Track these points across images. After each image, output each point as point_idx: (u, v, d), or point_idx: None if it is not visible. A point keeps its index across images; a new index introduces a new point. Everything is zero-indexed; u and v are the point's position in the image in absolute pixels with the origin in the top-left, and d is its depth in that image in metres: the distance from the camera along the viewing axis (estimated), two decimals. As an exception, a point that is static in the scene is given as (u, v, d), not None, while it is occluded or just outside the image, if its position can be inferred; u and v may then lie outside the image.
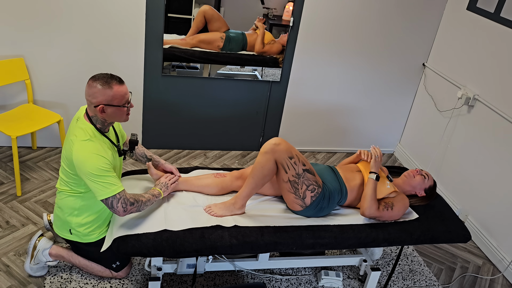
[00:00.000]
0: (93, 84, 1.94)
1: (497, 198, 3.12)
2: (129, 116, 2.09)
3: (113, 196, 1.98)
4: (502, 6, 3.11)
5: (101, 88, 1.93)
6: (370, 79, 3.90)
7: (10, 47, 3.13)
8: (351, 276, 2.77)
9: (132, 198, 2.04)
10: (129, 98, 2.04)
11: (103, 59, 3.31)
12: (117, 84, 1.96)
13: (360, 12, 3.56)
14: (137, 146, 2.35)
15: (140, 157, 2.41)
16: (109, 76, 1.96)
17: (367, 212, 2.27)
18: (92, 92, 1.94)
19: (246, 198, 2.25)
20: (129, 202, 2.02)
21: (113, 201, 1.99)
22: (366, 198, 2.28)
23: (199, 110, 3.70)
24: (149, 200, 2.12)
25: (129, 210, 2.03)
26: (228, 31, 3.38)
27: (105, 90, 1.93)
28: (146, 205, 2.12)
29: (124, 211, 2.01)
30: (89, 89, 1.95)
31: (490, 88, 3.23)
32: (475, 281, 2.94)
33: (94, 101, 1.95)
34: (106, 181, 1.97)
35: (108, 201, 1.99)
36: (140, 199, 2.07)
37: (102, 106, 1.95)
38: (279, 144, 2.16)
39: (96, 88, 1.93)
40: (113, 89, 1.94)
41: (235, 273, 2.67)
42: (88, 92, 1.96)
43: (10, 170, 3.24)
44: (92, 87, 1.94)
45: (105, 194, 1.97)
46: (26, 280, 2.40)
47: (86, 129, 2.01)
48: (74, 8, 3.09)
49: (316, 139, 4.12)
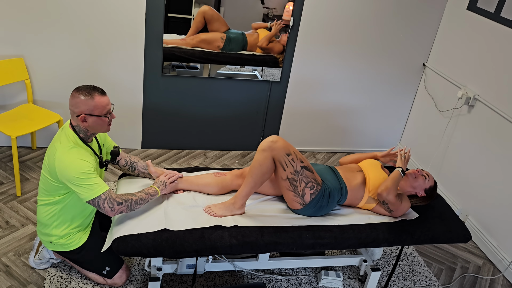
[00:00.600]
0: (76, 95, 2.01)
1: (498, 198, 3.12)
2: (110, 127, 2.15)
3: (98, 197, 2.03)
4: (502, 6, 3.11)
5: (83, 98, 2.00)
6: (370, 79, 3.89)
7: (10, 47, 3.13)
8: (351, 276, 2.77)
9: (119, 198, 2.06)
10: (111, 109, 2.10)
11: (103, 59, 3.31)
12: (99, 95, 2.03)
13: (360, 12, 3.56)
14: (118, 157, 2.38)
15: (142, 170, 2.44)
16: (92, 88, 2.03)
17: (385, 193, 2.27)
18: (75, 102, 2.01)
19: (246, 197, 2.25)
20: (116, 202, 2.05)
21: (99, 202, 2.03)
22: (388, 181, 2.29)
23: (199, 110, 3.70)
24: (141, 198, 2.13)
25: (118, 209, 2.06)
26: (228, 31, 3.38)
27: (87, 100, 2.00)
28: (139, 204, 2.12)
29: (112, 210, 2.05)
30: (72, 99, 2.02)
31: (490, 88, 3.23)
32: (475, 281, 2.94)
33: (76, 111, 2.02)
34: (90, 183, 2.01)
35: (94, 202, 2.03)
36: (129, 198, 2.09)
37: (83, 115, 2.02)
38: (277, 142, 2.16)
39: (79, 99, 2.01)
40: (94, 99, 2.01)
41: (235, 273, 2.67)
42: (71, 102, 2.03)
43: (10, 170, 3.23)
44: (75, 98, 2.01)
45: (90, 196, 2.02)
46: (26, 280, 2.40)
47: (70, 136, 2.07)
48: (74, 8, 3.09)
49: (316, 139, 4.12)
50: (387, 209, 2.36)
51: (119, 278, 2.39)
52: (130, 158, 2.43)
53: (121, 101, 3.50)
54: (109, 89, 3.43)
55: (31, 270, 2.47)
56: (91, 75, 3.35)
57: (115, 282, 2.39)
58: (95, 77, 3.36)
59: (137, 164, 2.43)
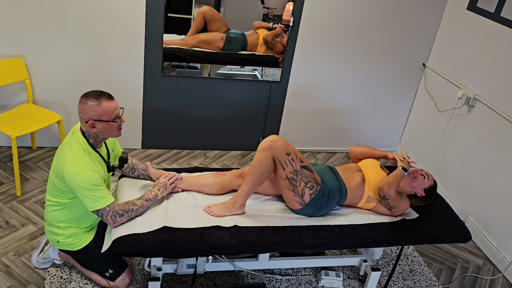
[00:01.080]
0: (83, 101, 2.02)
1: (498, 198, 3.12)
2: (121, 131, 2.15)
3: (103, 209, 2.06)
4: (502, 6, 3.11)
5: (90, 104, 2.00)
6: (370, 79, 3.89)
7: (10, 47, 3.13)
8: (351, 276, 2.77)
9: (121, 209, 2.09)
10: (120, 114, 2.10)
11: (103, 59, 3.31)
12: (106, 100, 2.03)
13: (360, 11, 3.56)
14: (126, 164, 2.40)
15: (143, 172, 2.45)
16: (99, 93, 2.03)
17: (386, 188, 2.28)
18: (83, 109, 2.02)
19: (246, 197, 2.25)
20: (118, 214, 2.07)
21: (103, 214, 2.06)
22: (390, 177, 2.31)
23: (199, 110, 3.70)
24: (141, 206, 2.16)
25: (119, 221, 2.08)
26: (228, 31, 3.38)
27: (94, 106, 2.00)
28: (139, 212, 2.15)
29: (114, 222, 2.08)
30: (80, 106, 2.03)
31: (490, 88, 3.23)
32: (475, 281, 2.94)
33: (85, 117, 2.02)
34: (96, 194, 2.04)
35: (98, 213, 2.07)
36: (130, 208, 2.11)
37: (92, 121, 2.02)
38: (276, 141, 2.17)
39: (86, 105, 2.01)
40: (102, 105, 2.01)
41: (235, 273, 2.67)
42: (79, 109, 2.03)
43: (10, 170, 3.23)
44: (82, 104, 2.02)
45: (95, 207, 2.05)
46: (26, 280, 2.40)
47: (80, 142, 2.08)
48: (74, 8, 3.09)
49: (316, 139, 4.12)
50: (387, 205, 2.36)
51: (122, 281, 2.38)
52: (132, 161, 2.44)
53: (121, 101, 3.50)
54: (109, 89, 3.43)
55: (31, 270, 2.47)
56: (91, 75, 3.35)
57: (117, 285, 2.37)
58: (95, 77, 3.36)
59: (138, 167, 2.44)
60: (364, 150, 2.66)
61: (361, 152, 2.66)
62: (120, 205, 2.10)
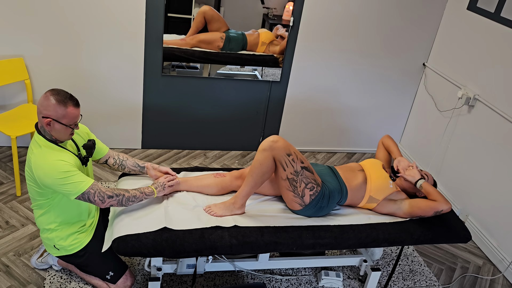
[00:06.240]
0: (50, 97, 1.98)
1: (498, 198, 3.12)
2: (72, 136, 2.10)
3: (87, 192, 2.01)
4: (502, 6, 3.11)
5: (56, 104, 1.97)
6: (370, 79, 3.89)
7: (10, 47, 3.13)
8: (351, 276, 2.77)
9: (110, 191, 2.06)
10: (78, 121, 2.07)
11: (103, 59, 3.31)
12: (73, 107, 2.00)
13: (360, 12, 3.56)
14: (104, 155, 2.34)
15: (132, 167, 2.40)
16: (69, 96, 2.00)
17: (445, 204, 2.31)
18: (46, 104, 1.98)
19: (246, 197, 2.25)
20: (106, 195, 2.04)
21: (89, 196, 2.02)
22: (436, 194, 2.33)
23: (199, 110, 3.70)
24: (135, 196, 2.12)
25: (108, 202, 2.05)
26: (228, 31, 3.38)
27: (59, 107, 1.97)
28: (131, 201, 2.11)
29: (102, 202, 2.04)
30: (44, 100, 1.98)
31: (490, 88, 3.23)
32: (475, 281, 2.94)
33: (45, 113, 1.98)
34: (72, 180, 1.99)
35: (84, 196, 2.02)
36: (121, 193, 2.08)
37: (50, 120, 1.98)
38: (277, 142, 2.16)
39: (51, 102, 1.97)
40: (67, 109, 1.98)
41: (235, 273, 2.67)
42: (42, 102, 1.98)
43: (10, 170, 3.23)
44: (48, 100, 1.97)
45: (77, 192, 2.00)
46: (26, 280, 2.40)
47: (37, 141, 2.05)
48: (74, 8, 3.09)
49: (316, 139, 4.12)
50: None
51: (123, 283, 2.35)
52: (119, 156, 2.38)
53: (121, 101, 3.50)
54: (109, 89, 3.43)
55: (31, 270, 2.47)
56: (91, 75, 3.35)
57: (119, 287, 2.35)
58: (95, 77, 3.36)
59: (127, 162, 2.39)
60: (392, 144, 2.67)
61: (388, 145, 2.67)
62: (108, 188, 2.07)
